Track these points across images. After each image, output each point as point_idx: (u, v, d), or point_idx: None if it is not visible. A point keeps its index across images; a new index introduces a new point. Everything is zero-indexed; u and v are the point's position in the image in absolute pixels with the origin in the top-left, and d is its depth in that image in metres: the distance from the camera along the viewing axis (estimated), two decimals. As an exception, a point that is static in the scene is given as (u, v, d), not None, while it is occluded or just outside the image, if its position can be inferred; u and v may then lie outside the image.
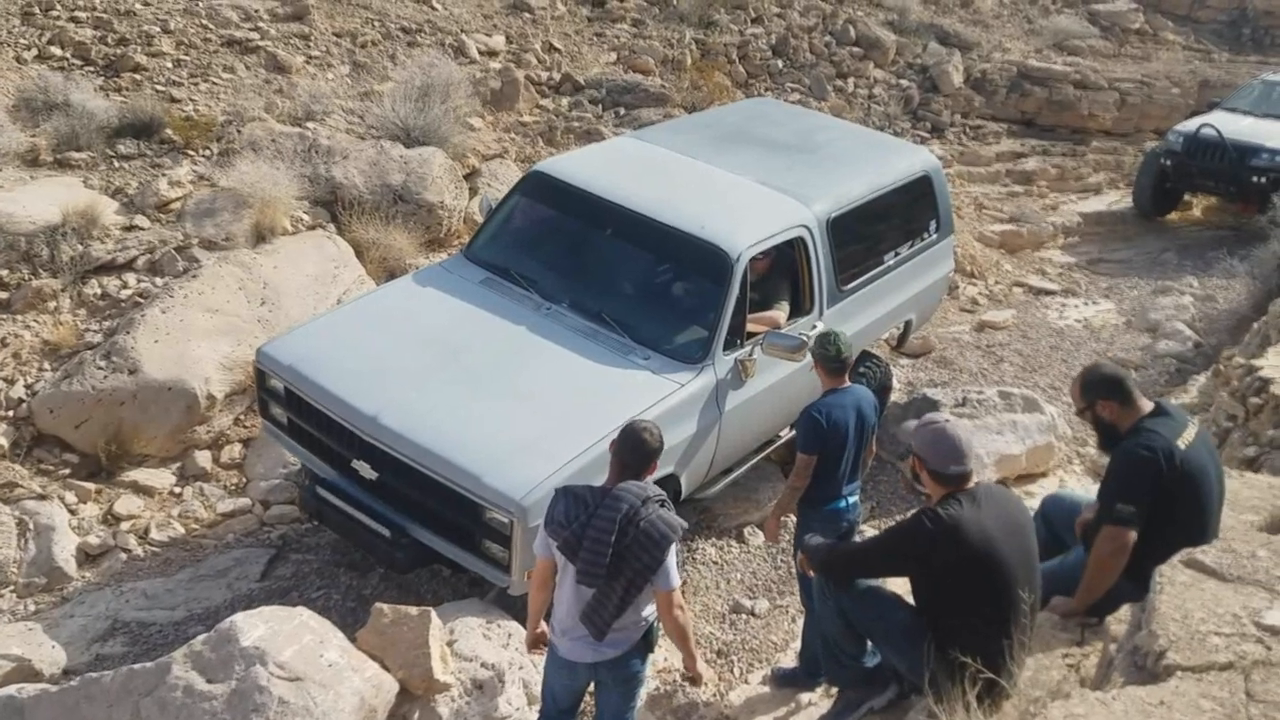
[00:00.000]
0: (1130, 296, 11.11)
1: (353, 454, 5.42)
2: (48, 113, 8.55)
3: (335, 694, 4.07)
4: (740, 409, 5.96)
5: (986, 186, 13.28)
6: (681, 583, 4.11)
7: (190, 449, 6.78)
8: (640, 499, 3.85)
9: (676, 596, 3.95)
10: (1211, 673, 2.93)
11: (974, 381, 8.78)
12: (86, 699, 4.06)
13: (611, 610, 3.87)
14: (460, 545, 5.23)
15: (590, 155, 7.19)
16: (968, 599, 3.79)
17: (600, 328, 5.86)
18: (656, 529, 3.82)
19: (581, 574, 3.85)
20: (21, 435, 6.53)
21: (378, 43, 11.09)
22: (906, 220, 7.40)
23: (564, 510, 3.88)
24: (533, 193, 6.65)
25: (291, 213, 8.16)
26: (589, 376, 5.57)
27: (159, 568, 6.12)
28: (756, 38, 13.61)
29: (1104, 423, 4.26)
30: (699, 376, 5.72)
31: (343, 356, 5.63)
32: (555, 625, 4.10)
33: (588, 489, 3.95)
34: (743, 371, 5.92)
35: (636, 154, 6.98)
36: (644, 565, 3.82)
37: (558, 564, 3.99)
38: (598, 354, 5.71)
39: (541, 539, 4.02)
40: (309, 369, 5.57)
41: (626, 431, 4.01)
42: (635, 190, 6.33)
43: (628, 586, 3.84)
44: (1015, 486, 7.14)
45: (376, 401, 5.32)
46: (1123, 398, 4.21)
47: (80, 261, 7.35)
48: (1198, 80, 15.45)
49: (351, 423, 5.34)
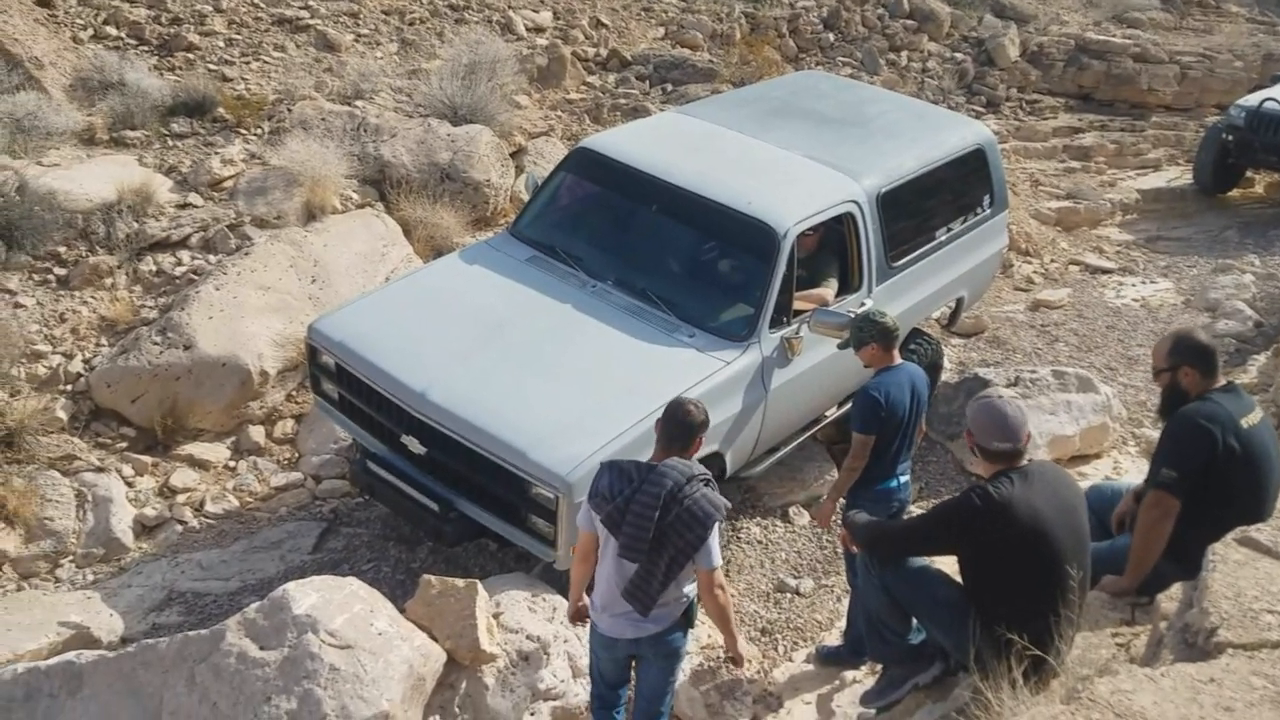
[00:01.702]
0: (1189, 275, 10.85)
1: (402, 429, 5.47)
2: (103, 92, 8.72)
3: (385, 661, 4.14)
4: (786, 387, 5.92)
5: (1043, 162, 13.03)
6: (724, 562, 4.11)
7: (244, 424, 6.89)
8: (685, 477, 3.85)
9: (718, 576, 3.95)
10: (1264, 650, 2.88)
11: (1027, 361, 8.63)
12: (143, 665, 4.16)
13: (656, 586, 3.88)
14: (507, 520, 5.28)
15: (636, 131, 7.15)
16: (1016, 577, 3.75)
17: (646, 305, 5.85)
18: (700, 507, 3.82)
19: (624, 548, 3.86)
20: (80, 409, 6.68)
21: (425, 20, 11.13)
22: (959, 195, 7.26)
23: (608, 484, 3.89)
24: (578, 169, 6.64)
25: (341, 191, 8.23)
26: (634, 354, 5.57)
27: (214, 539, 6.24)
28: (807, 10, 13.44)
29: (1179, 389, 4.18)
30: (744, 354, 5.69)
31: (392, 333, 5.68)
32: (596, 601, 4.12)
33: (633, 464, 3.95)
34: (789, 350, 5.88)
35: (683, 129, 6.92)
36: (686, 543, 3.82)
37: (600, 538, 4.00)
38: (643, 331, 5.71)
39: (585, 512, 4.04)
40: (359, 345, 5.63)
41: (671, 407, 4.01)
42: (681, 166, 6.29)
43: (670, 563, 3.85)
44: (1069, 467, 7.03)
45: (425, 377, 5.36)
46: (1206, 369, 4.13)
47: (136, 239, 7.48)
48: (1261, 53, 14.99)
49: (401, 398, 5.39)
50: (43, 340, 6.86)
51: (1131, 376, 8.63)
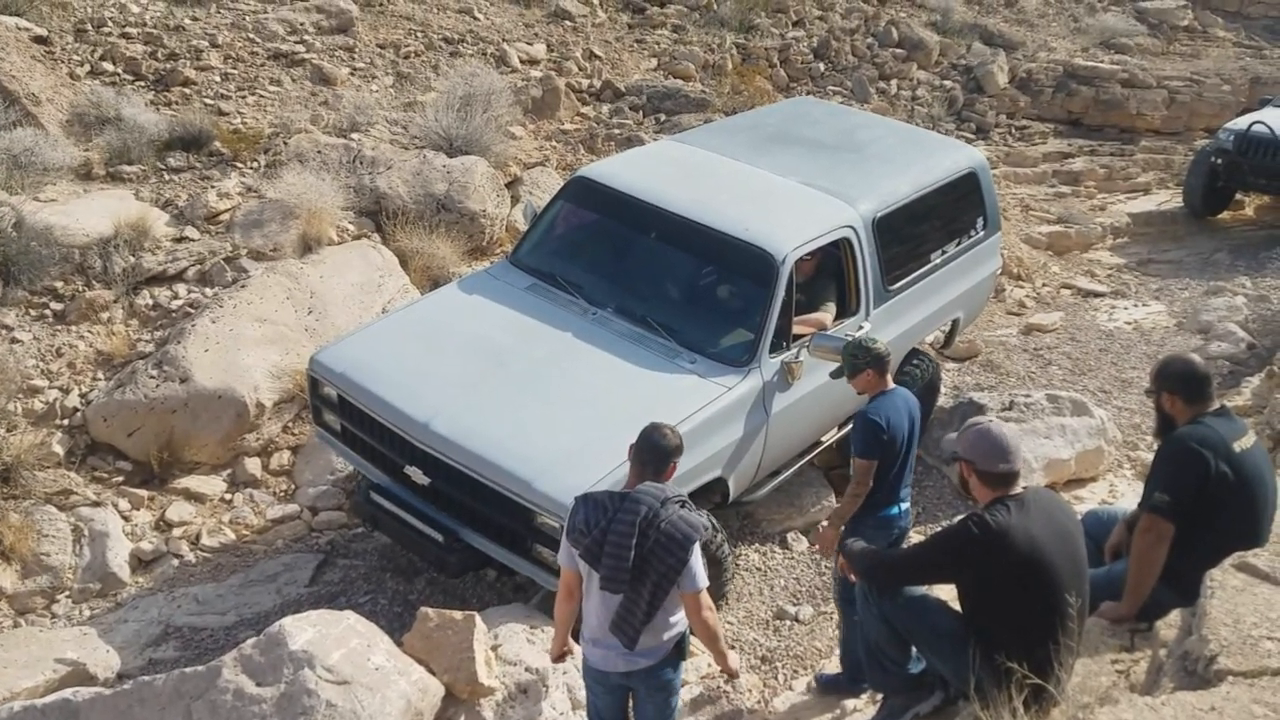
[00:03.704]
0: (1181, 298, 10.90)
1: (405, 460, 5.47)
2: (100, 127, 8.76)
3: (382, 697, 4.12)
4: (787, 412, 5.94)
5: (1033, 188, 13.11)
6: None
7: (240, 456, 6.89)
8: (659, 500, 3.81)
9: (704, 598, 3.90)
10: (1264, 678, 2.88)
11: (1021, 385, 8.66)
12: (139, 702, 4.14)
13: (640, 617, 3.83)
14: (512, 550, 5.27)
15: (633, 159, 7.19)
16: (1014, 605, 3.75)
17: (646, 332, 5.87)
18: (678, 529, 3.78)
19: (605, 580, 3.81)
20: (76, 443, 6.68)
21: (420, 53, 11.21)
22: (953, 218, 7.32)
23: (584, 517, 3.85)
24: (576, 198, 6.68)
25: (337, 223, 8.26)
26: (636, 381, 5.59)
27: (210, 573, 6.22)
28: (798, 41, 13.56)
29: (1164, 412, 4.28)
30: (745, 380, 5.71)
31: (394, 364, 5.69)
32: (586, 635, 4.06)
33: (607, 494, 3.91)
34: (789, 374, 5.90)
35: (679, 157, 6.97)
36: (668, 568, 3.78)
37: (583, 573, 3.95)
38: (644, 358, 5.73)
39: (565, 549, 3.99)
40: (362, 376, 5.64)
41: (646, 431, 3.98)
42: (678, 194, 6.33)
43: (654, 591, 3.80)
44: (1064, 492, 7.04)
45: (429, 408, 5.37)
46: (1187, 395, 4.18)
47: (132, 273, 7.50)
48: (1249, 77, 15.13)
49: (404, 429, 5.40)
50: (39, 375, 6.87)
51: (1125, 399, 8.65)
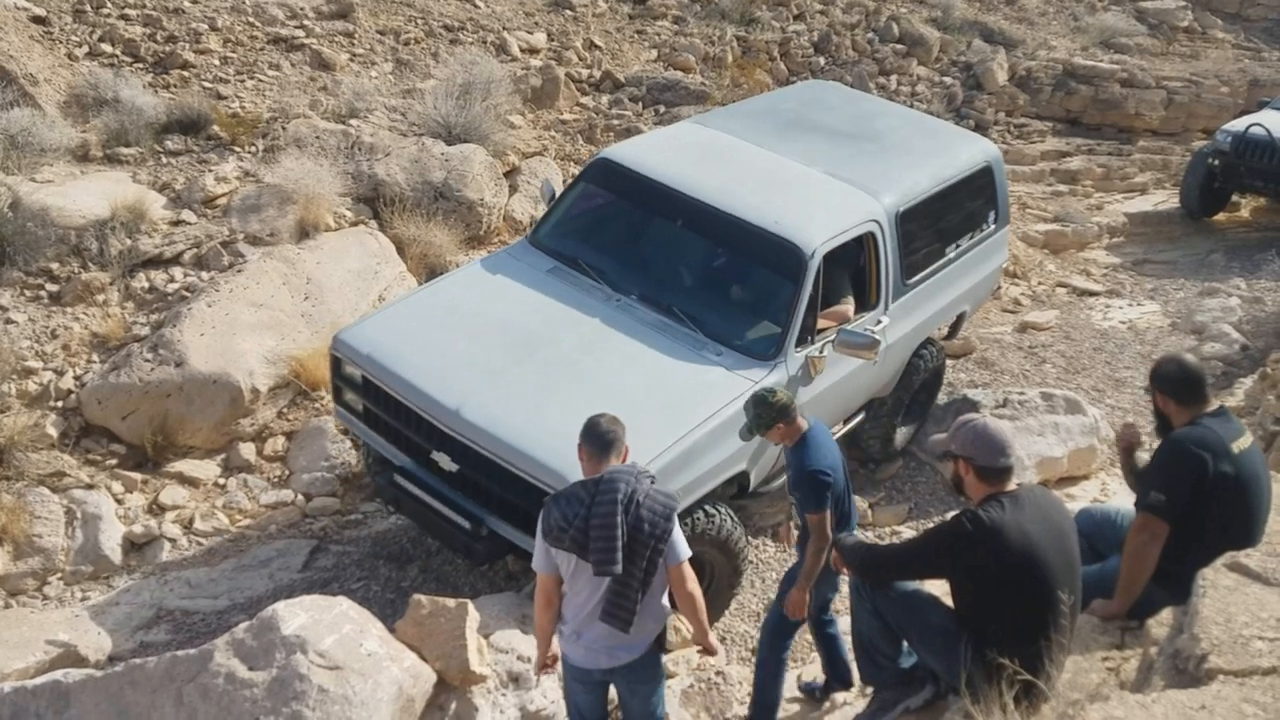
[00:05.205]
0: (1176, 298, 10.93)
1: (433, 445, 5.40)
2: (98, 109, 8.72)
3: (374, 683, 4.12)
4: (808, 406, 5.87)
5: (1030, 186, 13.13)
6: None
7: (234, 441, 6.88)
8: (634, 475, 3.87)
9: (687, 569, 3.95)
10: (1254, 677, 2.89)
11: (1015, 383, 8.68)
12: (130, 685, 4.13)
13: (634, 594, 3.84)
14: None
15: (656, 142, 7.04)
16: (1007, 601, 3.76)
17: (671, 321, 5.81)
18: (658, 501, 3.86)
19: (598, 564, 3.79)
20: (70, 425, 6.66)
21: (420, 40, 11.18)
22: (969, 212, 7.29)
23: (560, 514, 3.84)
24: (599, 180, 6.58)
25: (334, 209, 8.24)
26: (665, 372, 5.54)
27: (203, 557, 6.22)
28: (798, 35, 13.55)
29: (1159, 411, 4.34)
30: (771, 374, 5.66)
31: (421, 346, 5.60)
32: (568, 632, 4.04)
33: (578, 486, 3.91)
34: (812, 368, 5.87)
35: (703, 141, 6.84)
36: (656, 537, 3.82)
37: (564, 573, 3.94)
38: (671, 349, 5.67)
39: (540, 553, 3.96)
40: (388, 359, 5.54)
41: (586, 427, 3.99)
42: (706, 181, 6.24)
43: (647, 565, 3.83)
44: (1056, 489, 7.06)
45: (458, 394, 5.29)
46: (1179, 397, 4.21)
47: (128, 255, 7.48)
48: (1247, 79, 15.17)
49: (433, 415, 5.32)
50: (34, 356, 6.84)
51: (1119, 398, 8.68)
